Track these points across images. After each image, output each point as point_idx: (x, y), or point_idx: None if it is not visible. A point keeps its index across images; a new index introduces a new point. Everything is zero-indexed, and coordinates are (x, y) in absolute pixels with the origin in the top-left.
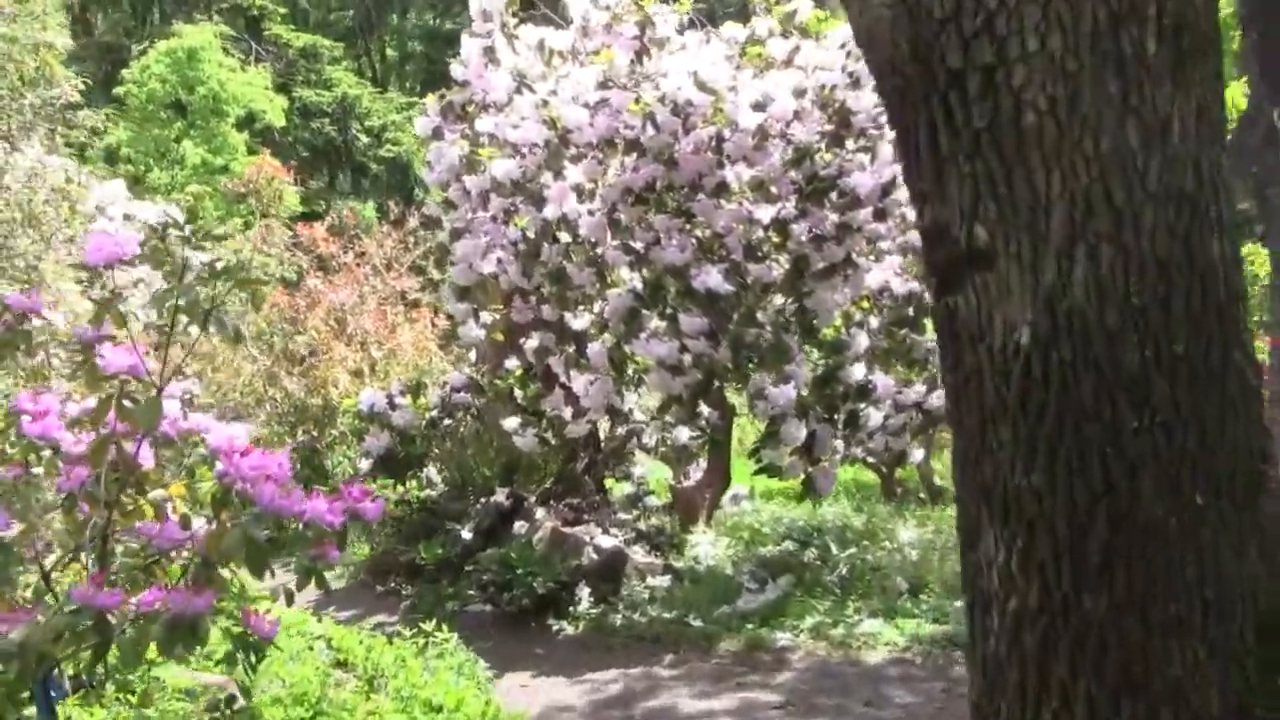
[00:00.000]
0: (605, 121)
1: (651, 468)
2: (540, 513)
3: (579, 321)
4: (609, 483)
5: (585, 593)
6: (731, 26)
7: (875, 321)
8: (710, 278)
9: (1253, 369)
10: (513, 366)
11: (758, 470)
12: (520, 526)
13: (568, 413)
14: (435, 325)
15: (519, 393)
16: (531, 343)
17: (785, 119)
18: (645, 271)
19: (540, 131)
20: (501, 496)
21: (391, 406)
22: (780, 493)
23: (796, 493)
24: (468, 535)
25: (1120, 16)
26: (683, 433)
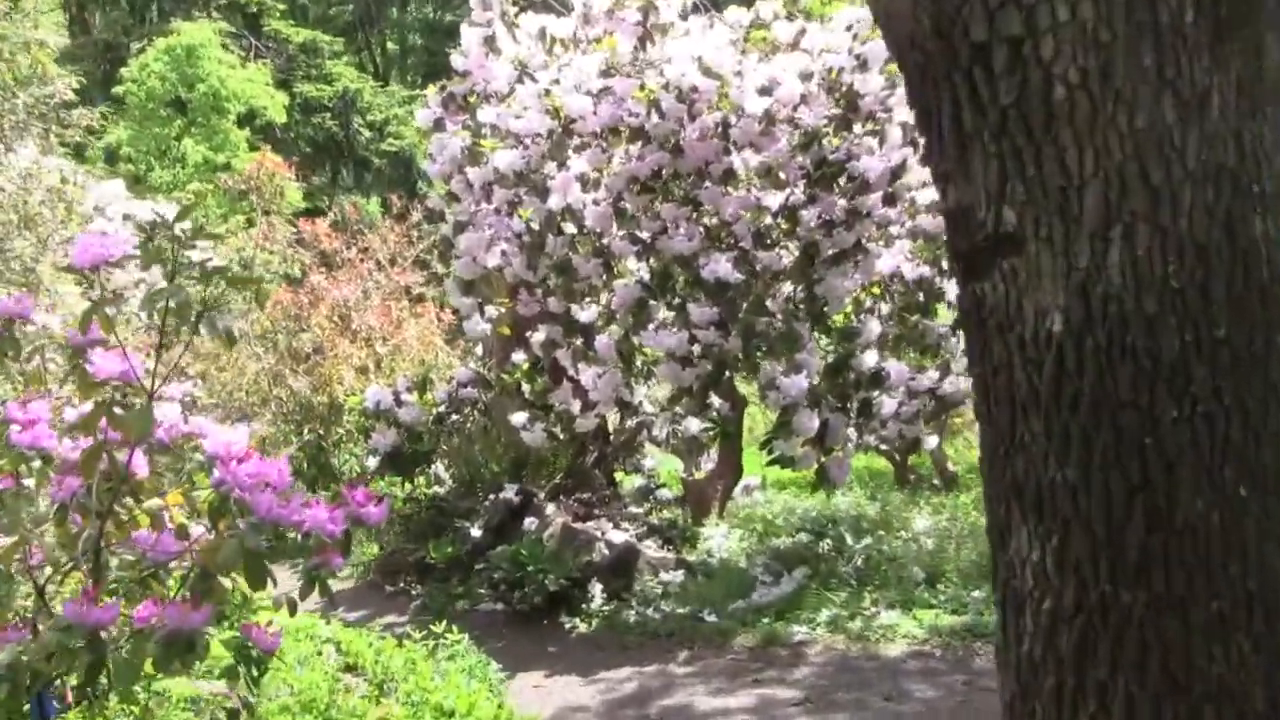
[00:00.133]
0: (609, 109)
1: (662, 460)
2: (550, 508)
3: (586, 313)
4: (619, 476)
5: (597, 589)
6: (736, 10)
7: (885, 308)
8: (719, 266)
9: None
10: (519, 360)
11: (770, 461)
12: (530, 523)
13: (576, 406)
14: (441, 320)
15: (526, 387)
16: (538, 336)
17: (792, 103)
18: (652, 261)
19: (543, 121)
20: (511, 493)
21: (398, 403)
22: (792, 482)
23: (809, 482)
24: (477, 533)
25: None
26: (693, 424)
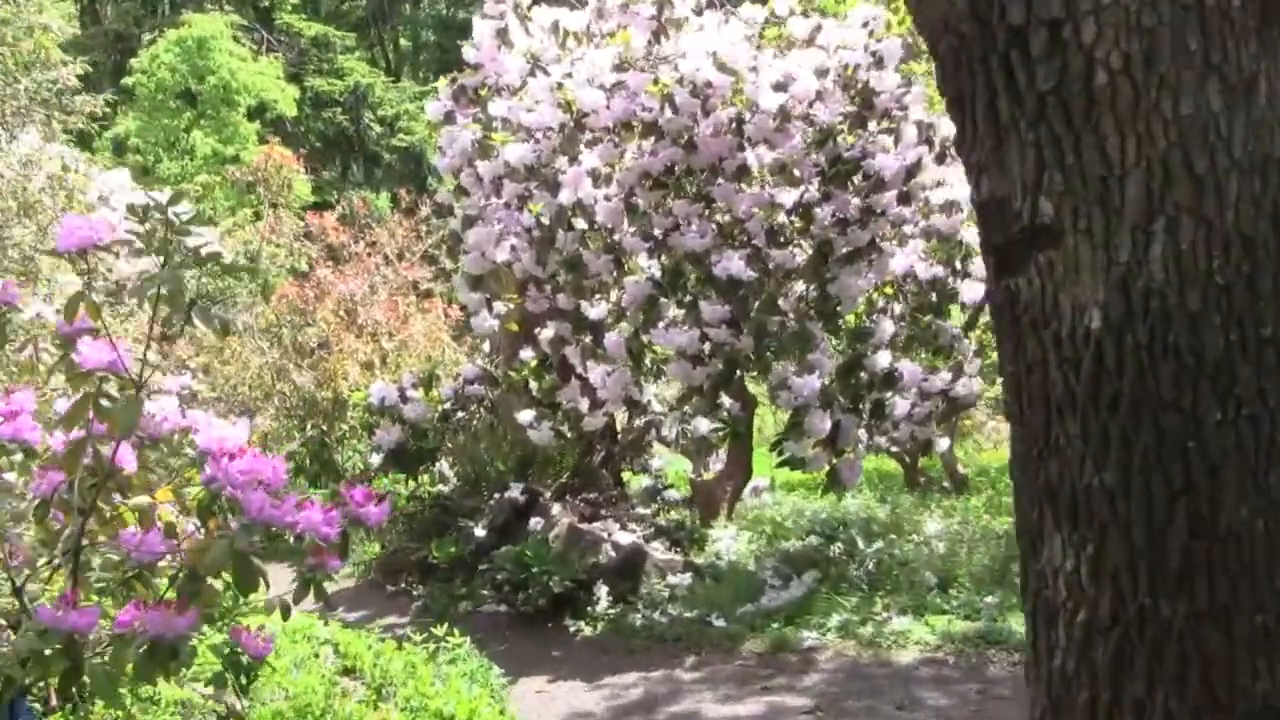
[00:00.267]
0: (622, 104)
1: (670, 460)
2: (556, 508)
3: (596, 310)
4: (626, 476)
5: (603, 592)
6: (751, 6)
7: (898, 308)
8: (732, 264)
9: None
10: (527, 357)
11: (780, 463)
12: (536, 523)
13: (584, 405)
14: (448, 316)
15: (534, 384)
16: (547, 333)
17: (807, 100)
18: (664, 258)
19: (555, 115)
20: (516, 492)
21: (403, 399)
22: (801, 484)
23: (818, 484)
24: (481, 532)
25: None
26: (702, 424)
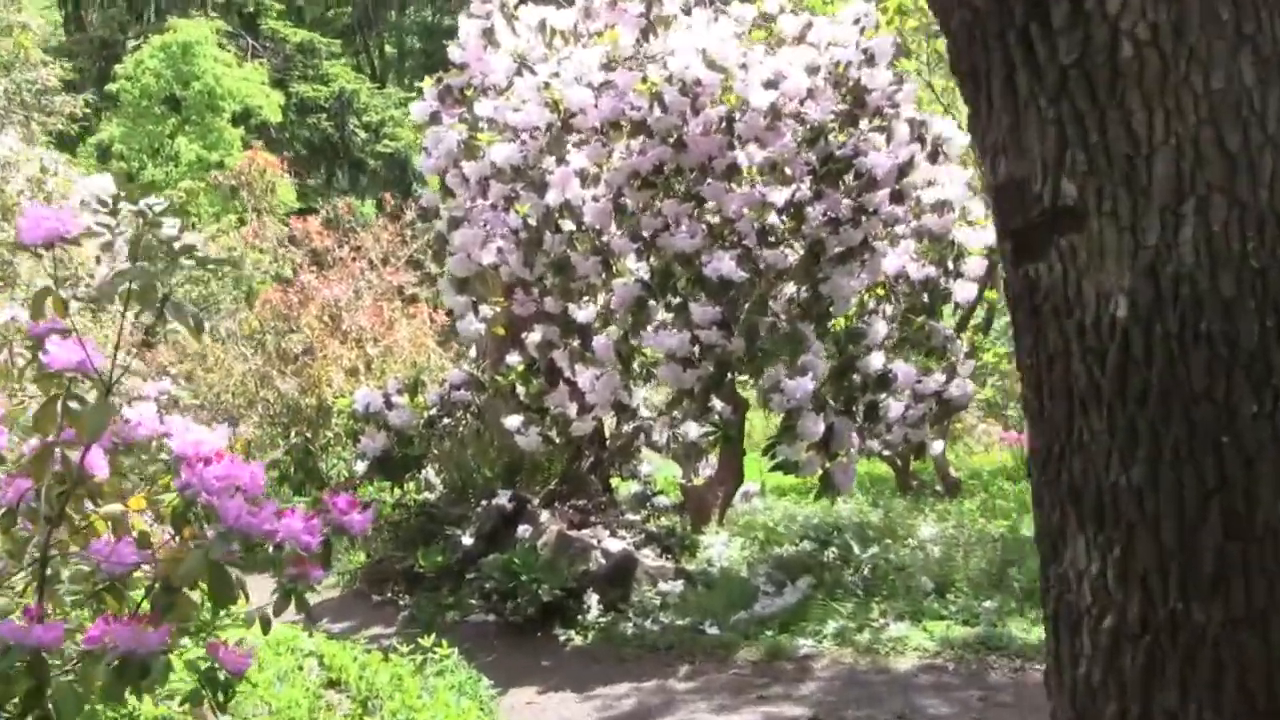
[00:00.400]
0: (610, 103)
1: (659, 465)
2: (544, 515)
3: (584, 313)
4: (615, 482)
5: (593, 600)
6: (740, 4)
7: (889, 309)
8: (723, 264)
9: None
10: (514, 362)
11: (773, 467)
12: (524, 530)
13: (573, 409)
14: (434, 321)
15: (521, 389)
16: (534, 336)
17: (798, 97)
18: (653, 259)
19: (542, 114)
20: (503, 499)
21: (388, 406)
22: (792, 488)
23: (809, 488)
24: (468, 540)
25: None
26: (692, 428)
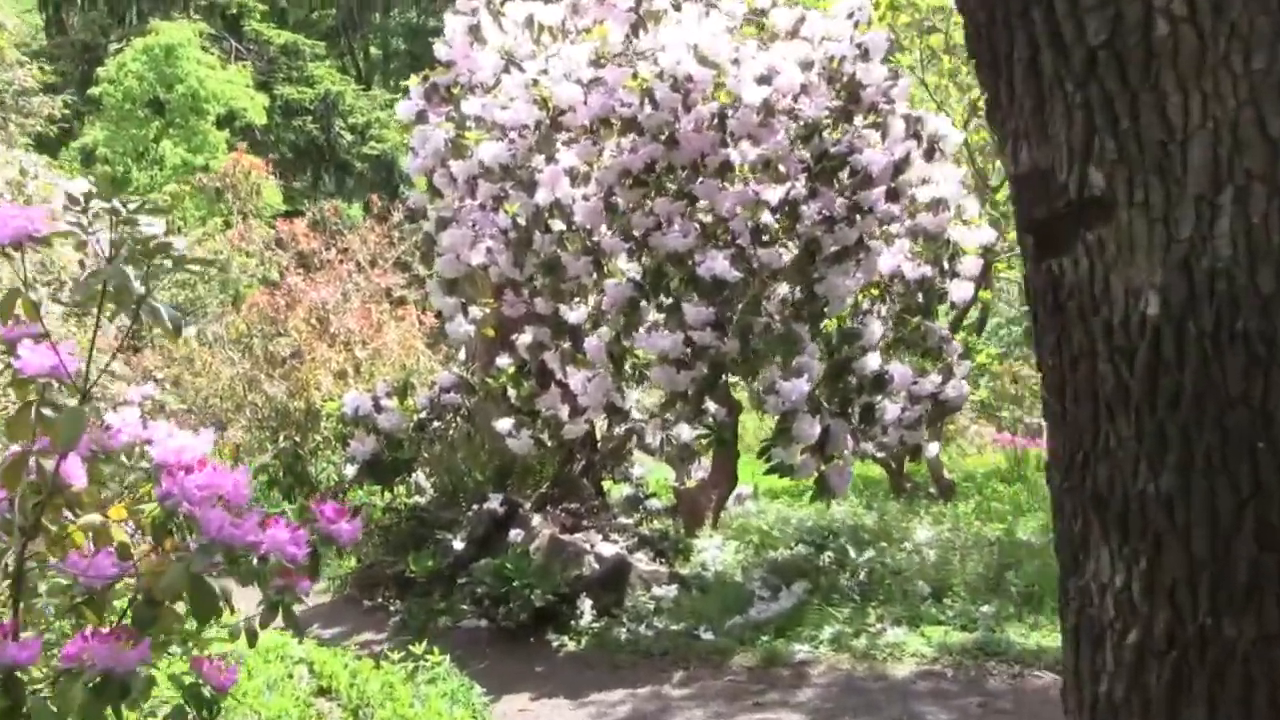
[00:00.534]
0: (600, 100)
1: (651, 467)
2: (537, 519)
3: (575, 314)
4: (607, 485)
5: (587, 605)
6: None
7: (883, 309)
8: (716, 264)
9: None
10: (505, 364)
11: (768, 470)
12: (516, 534)
13: (564, 412)
14: (422, 323)
15: (512, 392)
16: (524, 338)
17: (792, 93)
18: (645, 259)
19: (530, 112)
20: (495, 503)
21: (377, 409)
22: (785, 491)
23: (802, 490)
24: (459, 545)
25: None
26: (685, 431)
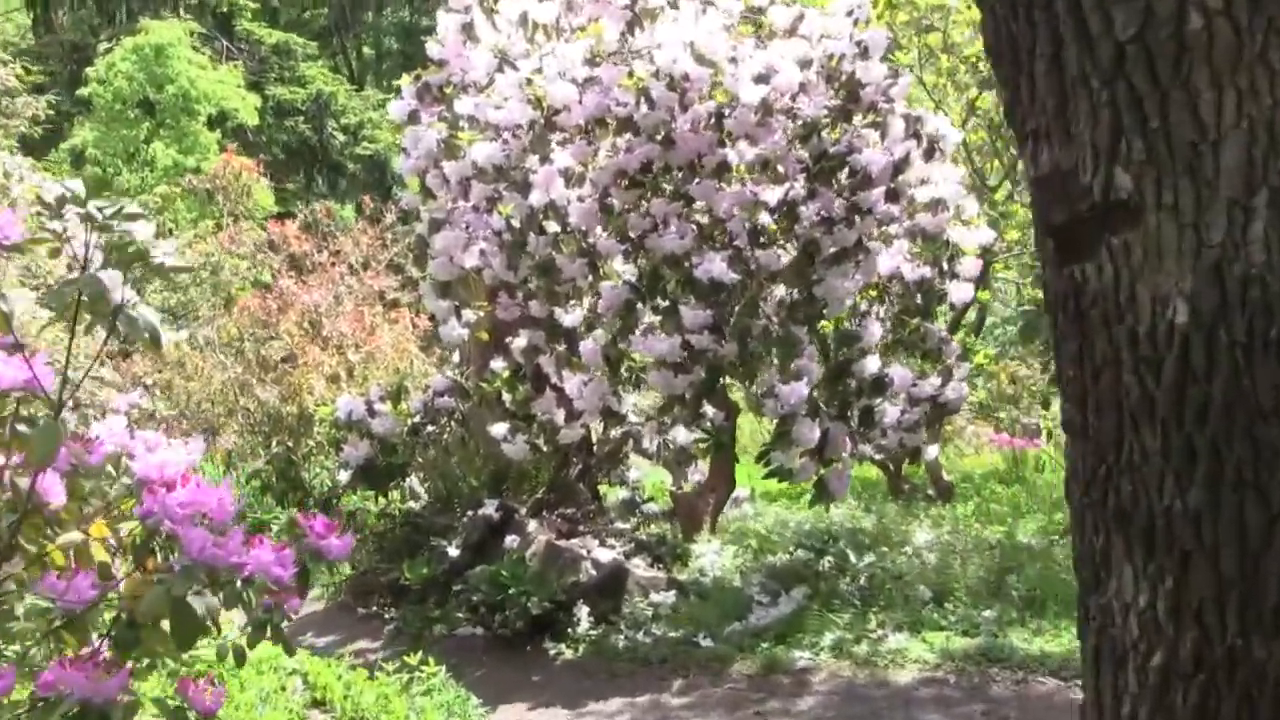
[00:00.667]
0: (595, 99)
1: (647, 471)
2: (532, 525)
3: (570, 317)
4: (603, 489)
5: (584, 612)
6: None
7: (881, 310)
8: (713, 266)
9: None
10: (499, 368)
11: (767, 474)
12: (511, 540)
13: (560, 416)
14: (416, 326)
15: (507, 396)
16: (519, 342)
17: (790, 92)
18: (641, 261)
19: (524, 112)
20: (490, 508)
21: (371, 413)
22: (782, 494)
23: (799, 493)
24: (454, 552)
25: None
26: (681, 434)
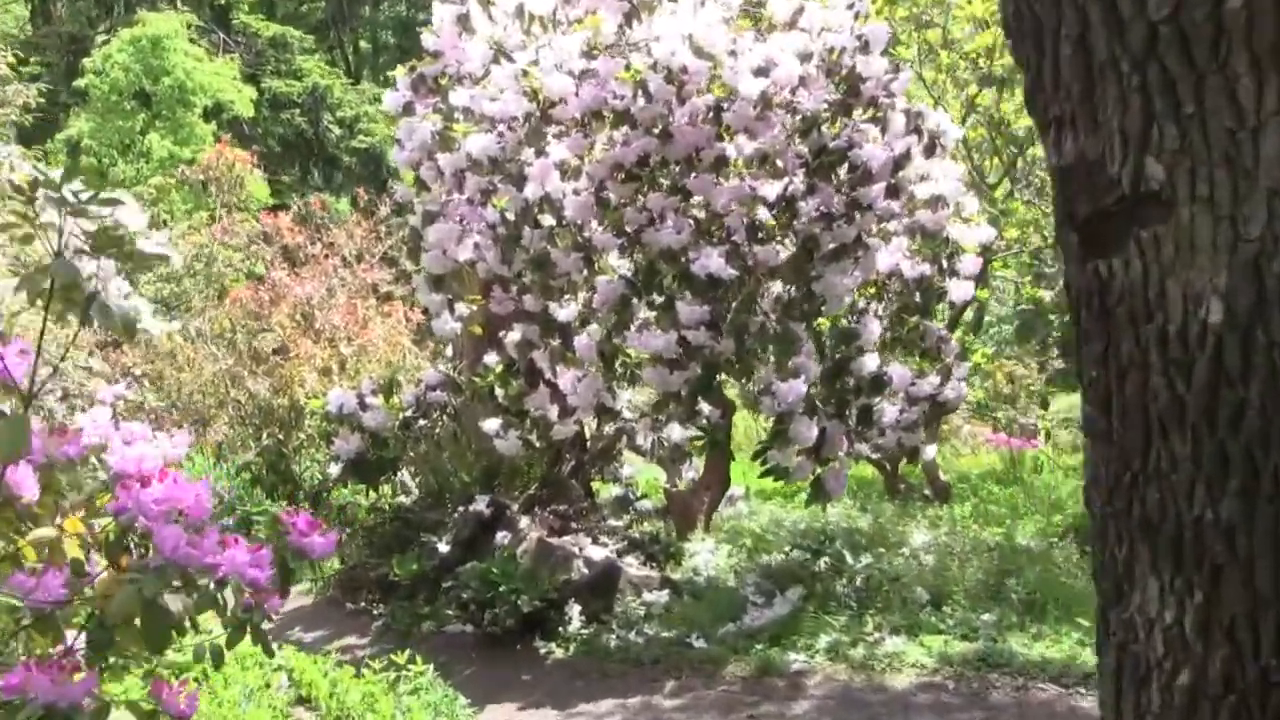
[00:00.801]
0: (592, 91)
1: (640, 468)
2: (524, 522)
3: (565, 312)
4: (596, 486)
5: (575, 611)
6: None
7: (880, 308)
8: (711, 261)
9: None
10: (492, 362)
11: (763, 472)
12: (503, 537)
13: (553, 412)
14: (409, 319)
15: (500, 391)
16: (513, 336)
17: (790, 86)
18: (637, 256)
19: (520, 104)
20: (481, 504)
21: (362, 407)
22: (777, 493)
23: (793, 492)
24: (445, 547)
25: None
26: (676, 432)
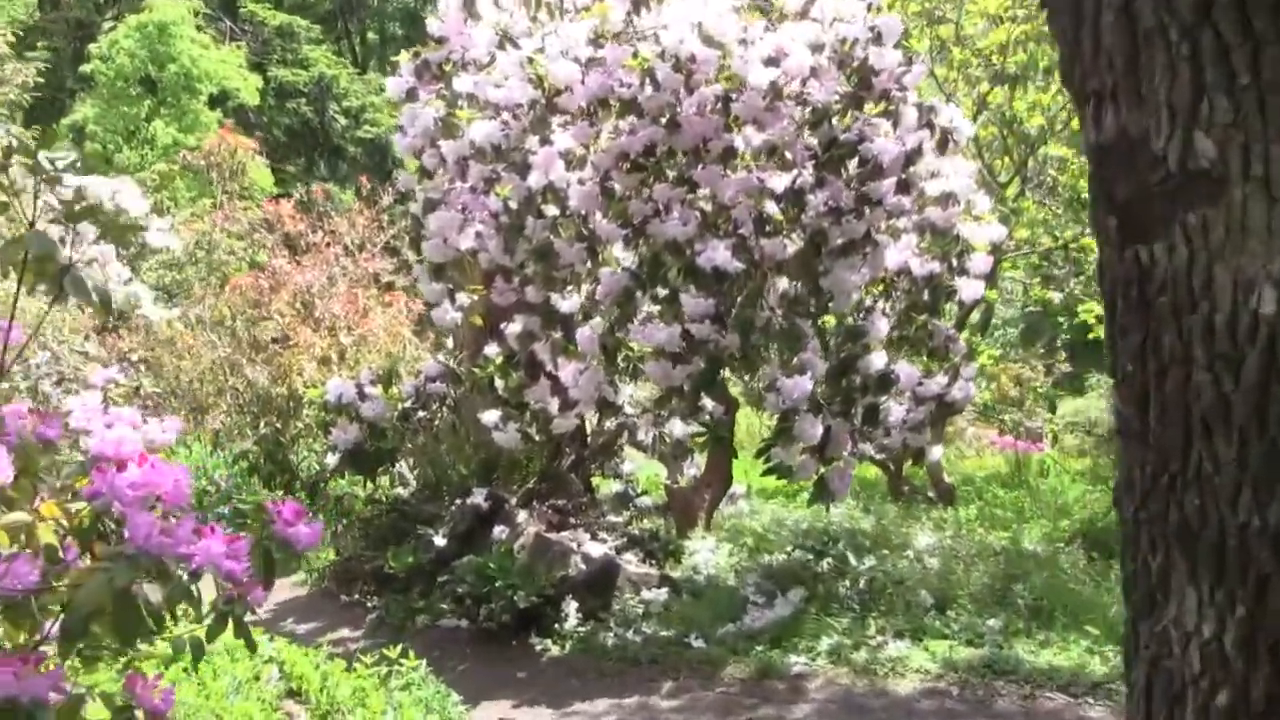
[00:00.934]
0: (598, 79)
1: (641, 463)
2: (522, 516)
3: (567, 304)
4: (596, 481)
5: (572, 608)
6: None
7: (886, 305)
8: (717, 254)
9: None
10: (493, 354)
11: (766, 470)
12: (500, 531)
13: (554, 405)
14: (410, 309)
15: (500, 383)
16: (514, 327)
17: (800, 77)
18: (642, 247)
19: (525, 91)
20: (479, 497)
21: (361, 397)
22: (779, 491)
23: (796, 490)
24: (441, 541)
25: None
26: (678, 427)
